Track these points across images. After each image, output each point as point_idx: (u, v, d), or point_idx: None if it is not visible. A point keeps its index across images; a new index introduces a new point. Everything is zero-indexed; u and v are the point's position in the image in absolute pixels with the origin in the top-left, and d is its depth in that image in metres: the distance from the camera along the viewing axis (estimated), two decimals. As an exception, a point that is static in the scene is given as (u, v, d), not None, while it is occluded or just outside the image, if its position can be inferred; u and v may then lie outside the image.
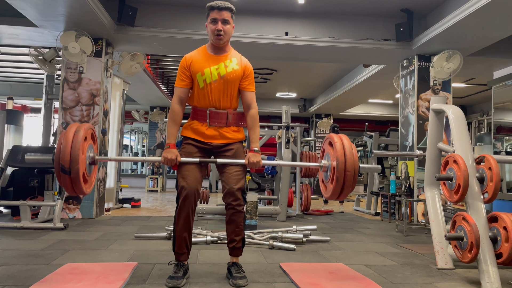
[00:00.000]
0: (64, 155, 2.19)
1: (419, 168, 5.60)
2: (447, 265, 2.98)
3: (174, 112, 2.48)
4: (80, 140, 2.24)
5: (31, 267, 2.73)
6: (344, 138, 2.42)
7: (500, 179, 2.64)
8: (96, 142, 2.51)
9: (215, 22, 2.42)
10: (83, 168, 2.28)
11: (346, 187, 2.34)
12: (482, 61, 6.43)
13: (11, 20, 5.06)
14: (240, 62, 2.53)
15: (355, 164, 2.32)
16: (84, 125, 2.37)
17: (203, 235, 3.79)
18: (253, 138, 2.50)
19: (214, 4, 2.42)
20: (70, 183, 2.24)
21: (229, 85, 2.48)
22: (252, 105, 2.53)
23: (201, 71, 2.45)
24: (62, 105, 5.34)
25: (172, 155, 2.38)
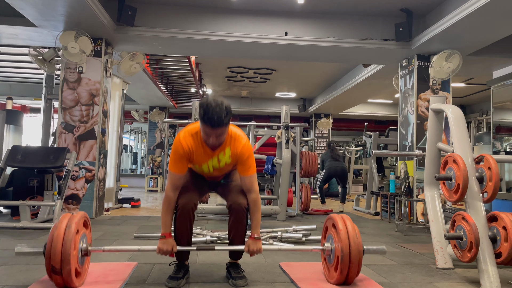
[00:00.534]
0: (55, 255, 2.11)
1: (419, 168, 5.60)
2: (446, 264, 2.98)
3: (169, 200, 2.36)
4: (72, 237, 2.14)
5: (30, 267, 2.73)
6: (348, 223, 2.37)
7: (500, 178, 2.64)
8: (89, 228, 2.44)
9: (208, 135, 2.23)
10: (75, 264, 2.20)
11: (350, 277, 2.33)
12: (482, 61, 6.44)
13: (11, 20, 5.05)
14: (234, 153, 2.36)
15: (360, 254, 2.29)
16: (75, 216, 2.26)
17: (202, 235, 3.78)
18: (254, 225, 2.41)
19: (206, 119, 2.15)
20: (62, 282, 2.17)
21: (223, 171, 2.49)
22: (252, 189, 2.39)
23: (199, 165, 2.41)
24: (61, 105, 5.34)
25: (168, 246, 2.32)
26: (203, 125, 2.20)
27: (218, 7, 5.48)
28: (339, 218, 2.42)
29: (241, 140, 2.37)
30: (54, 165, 4.61)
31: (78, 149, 5.28)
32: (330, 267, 2.46)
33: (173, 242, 2.35)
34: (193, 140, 2.33)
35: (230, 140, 2.36)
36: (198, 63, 8.96)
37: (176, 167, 2.33)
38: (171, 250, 2.32)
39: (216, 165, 2.40)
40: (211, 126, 2.16)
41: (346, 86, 9.02)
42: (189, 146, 2.32)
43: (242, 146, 2.36)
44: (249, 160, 2.37)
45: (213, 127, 2.17)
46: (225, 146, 2.35)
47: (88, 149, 5.31)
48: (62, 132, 5.31)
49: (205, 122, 2.17)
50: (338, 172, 7.03)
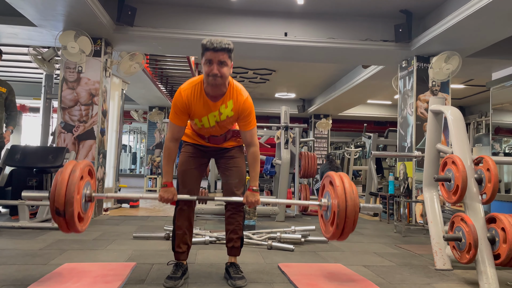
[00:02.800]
0: (59, 197, 2.14)
1: (418, 169, 5.60)
2: (445, 265, 2.98)
3: (169, 150, 2.38)
4: (76, 182, 2.18)
5: (29, 267, 2.72)
6: (346, 180, 2.39)
7: (499, 180, 2.64)
8: (94, 178, 2.47)
9: (210, 63, 2.21)
10: (78, 208, 2.23)
11: (345, 232, 2.33)
12: (481, 63, 6.45)
13: (10, 19, 5.05)
14: (236, 106, 2.35)
15: (356, 209, 2.30)
16: (81, 163, 2.29)
17: (201, 235, 3.78)
18: (252, 177, 2.45)
19: (209, 44, 2.19)
20: (65, 225, 2.20)
21: (225, 126, 2.48)
22: (252, 143, 2.44)
23: (199, 118, 2.39)
24: (60, 105, 5.33)
25: (170, 194, 2.34)
26: (205, 54, 2.21)
27: (218, 7, 5.48)
28: (337, 175, 2.42)
29: (243, 94, 2.38)
30: (53, 165, 4.60)
31: (77, 148, 5.28)
32: (327, 223, 2.46)
33: (175, 191, 2.38)
34: (193, 91, 2.32)
35: (232, 92, 2.35)
36: (198, 63, 8.96)
37: (176, 118, 2.35)
38: (172, 198, 2.35)
39: (217, 117, 2.37)
40: (213, 49, 2.18)
41: (346, 87, 9.03)
42: (189, 96, 2.31)
43: (245, 99, 2.37)
44: (251, 114, 2.40)
45: (215, 50, 2.18)
46: (227, 98, 2.34)
47: (87, 148, 5.31)
48: (61, 132, 5.31)
49: (207, 48, 2.19)
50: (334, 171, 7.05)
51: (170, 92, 10.69)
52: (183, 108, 2.32)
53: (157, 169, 11.78)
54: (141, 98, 10.93)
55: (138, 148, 15.89)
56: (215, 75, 2.21)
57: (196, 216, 5.35)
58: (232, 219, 2.51)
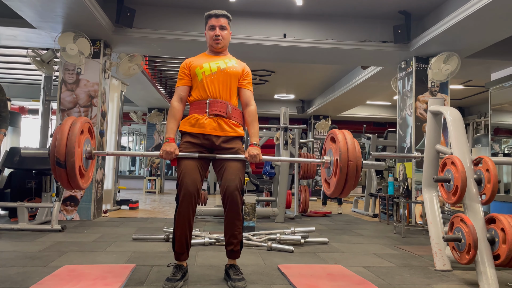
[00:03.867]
0: (60, 147, 2.12)
1: (417, 170, 5.60)
2: (445, 266, 2.98)
3: (174, 109, 2.51)
4: (76, 133, 2.18)
5: (28, 269, 2.71)
6: (346, 132, 2.43)
7: (498, 180, 2.64)
8: (94, 137, 2.46)
9: (213, 28, 2.55)
10: (79, 162, 2.22)
11: (349, 178, 2.29)
12: (480, 63, 6.45)
13: (9, 21, 5.05)
14: (239, 62, 2.63)
15: (357, 155, 2.30)
16: (80, 118, 2.33)
17: (201, 236, 3.78)
18: (252, 133, 2.53)
19: (212, 12, 2.58)
20: (65, 177, 2.18)
21: (229, 78, 2.52)
22: (251, 102, 2.60)
23: (200, 65, 2.53)
24: (60, 107, 5.33)
25: (171, 147, 2.39)
26: (208, 21, 2.56)
27: (217, 8, 5.47)
28: (339, 132, 2.42)
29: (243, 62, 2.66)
30: (52, 167, 4.59)
31: (76, 150, 5.26)
32: (329, 179, 2.46)
33: (175, 146, 2.41)
34: (195, 56, 2.63)
35: (233, 57, 2.65)
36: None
37: (180, 81, 2.57)
38: (174, 151, 2.38)
39: (222, 64, 2.54)
40: (215, 16, 2.55)
41: (345, 88, 9.03)
42: (191, 58, 2.61)
43: (246, 65, 2.66)
44: (250, 75, 2.65)
45: (217, 16, 2.55)
46: (229, 57, 2.63)
47: (86, 150, 5.29)
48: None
49: (209, 16, 2.57)
50: None
51: (169, 94, 10.69)
52: (186, 68, 2.55)
53: (156, 170, 11.77)
54: (140, 99, 10.93)
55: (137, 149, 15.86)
56: (218, 36, 2.54)
57: (196, 218, 5.34)
58: (231, 223, 2.46)
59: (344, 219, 6.11)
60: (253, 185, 6.31)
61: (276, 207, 5.51)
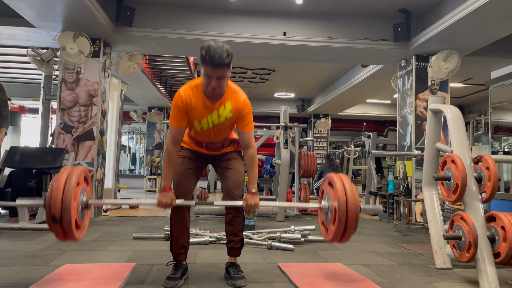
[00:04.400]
0: (55, 203, 2.09)
1: (417, 168, 5.60)
2: (445, 264, 2.98)
3: (170, 155, 2.36)
4: (72, 188, 2.13)
5: (29, 268, 2.72)
6: (345, 178, 2.38)
7: (498, 178, 2.65)
8: (90, 184, 2.43)
9: (209, 77, 2.21)
10: (75, 215, 2.18)
11: (348, 227, 2.28)
12: (480, 61, 6.45)
13: (9, 20, 5.04)
14: (234, 107, 2.36)
15: (356, 204, 2.28)
16: (77, 169, 2.27)
17: (201, 235, 3.78)
18: (251, 179, 2.43)
19: (208, 59, 2.14)
20: (61, 232, 2.14)
21: (223, 129, 2.46)
22: (250, 144, 2.42)
23: (199, 120, 2.38)
24: (60, 106, 5.33)
25: (168, 198, 2.30)
26: (204, 67, 2.19)
27: (217, 7, 5.48)
28: (337, 177, 2.38)
29: (241, 94, 2.39)
30: (53, 166, 4.60)
31: (76, 149, 5.27)
32: (328, 225, 2.44)
33: (173, 195, 2.34)
34: (192, 93, 2.32)
35: (230, 94, 2.36)
36: (197, 63, 8.95)
37: (176, 121, 2.34)
38: (171, 203, 2.31)
39: (216, 120, 2.37)
40: (212, 66, 2.15)
41: (345, 86, 9.03)
42: (188, 97, 2.31)
43: (243, 100, 2.38)
44: (248, 115, 2.40)
45: (214, 67, 2.15)
46: (225, 100, 2.35)
47: (86, 149, 5.30)
48: (60, 133, 5.30)
49: (206, 63, 2.16)
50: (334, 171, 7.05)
51: (169, 93, 10.68)
52: (183, 108, 2.32)
53: (157, 169, 11.77)
54: (140, 98, 10.93)
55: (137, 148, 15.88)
56: (214, 88, 2.23)
57: (196, 216, 5.35)
58: (232, 221, 2.50)
59: (345, 218, 6.10)
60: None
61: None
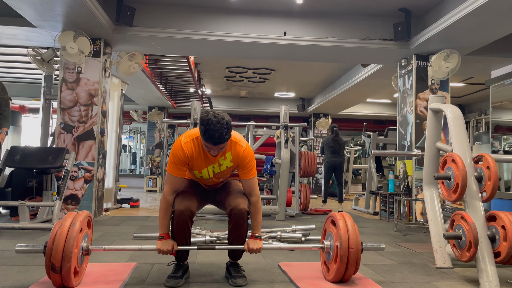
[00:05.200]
0: (56, 253, 2.07)
1: (418, 167, 5.61)
2: (445, 264, 2.99)
3: (167, 204, 2.37)
4: (75, 235, 2.13)
5: (29, 267, 2.72)
6: (347, 217, 2.41)
7: (498, 178, 2.65)
8: (92, 228, 2.44)
9: (209, 149, 2.25)
10: (75, 263, 2.18)
11: (350, 265, 2.31)
12: (480, 61, 6.44)
13: (9, 20, 5.05)
14: (235, 157, 2.38)
15: (358, 242, 2.32)
16: (80, 215, 2.26)
17: (202, 235, 3.78)
18: (254, 225, 2.45)
19: (208, 138, 2.17)
20: (59, 281, 2.13)
21: (224, 175, 2.49)
22: (253, 192, 2.43)
23: (199, 170, 2.40)
24: (60, 106, 5.33)
25: (168, 246, 2.33)
26: (204, 141, 2.22)
27: (217, 7, 5.48)
28: (340, 216, 2.43)
29: (242, 144, 2.38)
30: (53, 165, 4.60)
31: (77, 149, 5.28)
32: (329, 264, 2.47)
33: (172, 242, 2.35)
34: (193, 145, 2.33)
35: (230, 144, 2.36)
36: (197, 63, 8.96)
37: (175, 170, 2.34)
38: (171, 250, 2.33)
39: (216, 169, 2.40)
40: (213, 143, 2.19)
41: (345, 86, 9.03)
42: (189, 150, 2.32)
43: (244, 149, 2.37)
44: (250, 163, 2.39)
45: (215, 144, 2.19)
46: (225, 151, 2.35)
47: (87, 149, 5.31)
48: (61, 132, 5.31)
49: (206, 139, 2.19)
50: (336, 165, 7.03)
51: (169, 92, 10.69)
52: (184, 160, 2.33)
53: (157, 169, 11.77)
54: (140, 98, 10.93)
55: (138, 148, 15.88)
56: (215, 155, 2.29)
57: (197, 216, 5.35)
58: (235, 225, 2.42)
59: (345, 217, 6.10)
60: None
61: (277, 205, 5.51)
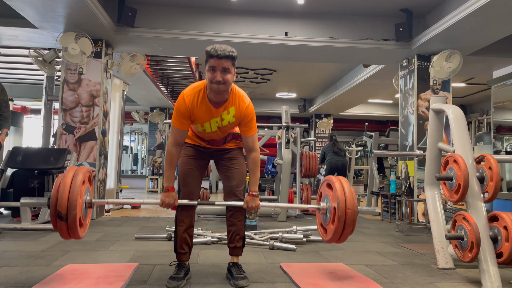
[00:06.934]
0: (62, 201, 2.12)
1: (419, 168, 5.60)
2: (447, 264, 2.98)
3: (171, 155, 2.39)
4: (79, 185, 2.17)
5: (31, 268, 2.73)
6: (343, 180, 2.43)
7: (500, 178, 2.64)
8: (92, 184, 2.47)
9: (213, 70, 2.22)
10: (80, 213, 2.22)
11: (347, 225, 2.34)
12: (482, 61, 6.43)
13: (11, 21, 5.06)
14: (238, 113, 2.39)
15: (355, 203, 2.34)
16: (82, 168, 2.31)
17: (203, 235, 3.79)
18: (252, 181, 2.47)
19: (213, 52, 2.20)
20: (66, 229, 2.18)
21: (226, 131, 2.50)
22: (253, 148, 2.48)
23: (201, 123, 2.42)
24: (62, 107, 5.34)
25: (171, 199, 2.36)
26: (209, 60, 2.23)
27: (218, 7, 5.48)
28: (336, 179, 2.44)
29: (245, 100, 2.40)
30: (55, 166, 4.61)
31: (78, 150, 5.28)
32: (326, 226, 2.49)
33: (176, 196, 2.39)
34: (196, 97, 2.34)
35: (234, 98, 2.37)
36: (198, 64, 8.96)
37: (179, 123, 2.37)
38: (173, 203, 2.36)
39: (219, 123, 2.41)
40: (217, 57, 2.19)
41: (347, 86, 9.02)
42: (192, 101, 2.33)
43: (247, 106, 2.40)
44: (252, 120, 2.43)
45: (219, 58, 2.19)
46: (229, 105, 2.37)
47: (88, 150, 5.31)
48: (62, 133, 5.31)
49: (211, 55, 2.20)
50: (338, 166, 7.03)
51: (171, 93, 10.70)
52: (186, 113, 2.34)
53: (159, 169, 11.78)
54: (142, 99, 10.94)
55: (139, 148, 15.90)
56: (219, 82, 2.23)
57: (198, 217, 5.35)
58: (234, 218, 2.53)
59: (346, 218, 6.10)
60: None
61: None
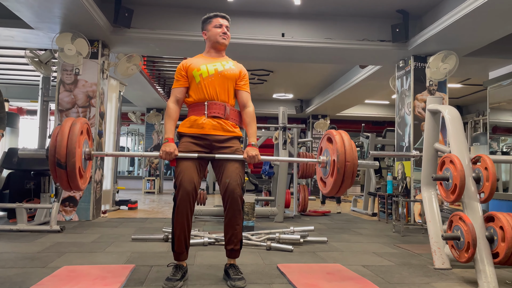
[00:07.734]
0: (60, 148, 2.12)
1: (416, 168, 5.61)
2: (444, 265, 2.99)
3: (170, 109, 2.52)
4: (77, 134, 2.19)
5: (27, 270, 2.71)
6: (343, 133, 2.47)
7: (496, 178, 2.65)
8: (91, 138, 2.48)
9: (220, 26, 2.60)
10: (79, 162, 2.23)
11: (346, 178, 2.36)
12: (478, 62, 6.46)
13: (6, 22, 5.04)
14: (236, 64, 2.66)
15: (354, 155, 2.37)
16: (80, 119, 2.34)
17: (200, 236, 3.78)
18: (250, 133, 2.56)
19: (217, 13, 2.64)
20: (66, 178, 2.18)
21: (226, 80, 2.56)
22: (248, 103, 2.62)
23: (197, 68, 2.54)
24: (58, 107, 5.32)
25: (170, 148, 2.39)
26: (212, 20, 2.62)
27: (215, 8, 5.45)
28: (336, 132, 2.47)
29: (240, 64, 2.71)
30: (51, 167, 4.59)
31: (75, 151, 5.26)
32: (325, 179, 2.51)
33: (175, 146, 2.42)
34: (192, 58, 2.63)
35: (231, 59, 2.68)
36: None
37: (176, 82, 2.57)
38: (173, 152, 2.39)
39: (220, 67, 2.56)
40: (222, 17, 2.63)
41: (343, 87, 9.04)
42: (188, 59, 2.62)
43: (242, 66, 2.70)
44: (247, 77, 2.68)
45: (223, 17, 2.63)
46: (228, 59, 2.66)
47: (85, 151, 5.29)
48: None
49: (215, 15, 2.63)
50: None
51: (167, 94, 10.68)
52: (182, 70, 2.55)
53: (155, 170, 11.76)
54: (138, 100, 10.92)
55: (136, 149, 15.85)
56: (225, 33, 2.59)
57: (195, 217, 5.34)
58: (232, 222, 2.46)
59: (343, 218, 6.12)
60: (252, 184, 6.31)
61: (275, 207, 5.51)
